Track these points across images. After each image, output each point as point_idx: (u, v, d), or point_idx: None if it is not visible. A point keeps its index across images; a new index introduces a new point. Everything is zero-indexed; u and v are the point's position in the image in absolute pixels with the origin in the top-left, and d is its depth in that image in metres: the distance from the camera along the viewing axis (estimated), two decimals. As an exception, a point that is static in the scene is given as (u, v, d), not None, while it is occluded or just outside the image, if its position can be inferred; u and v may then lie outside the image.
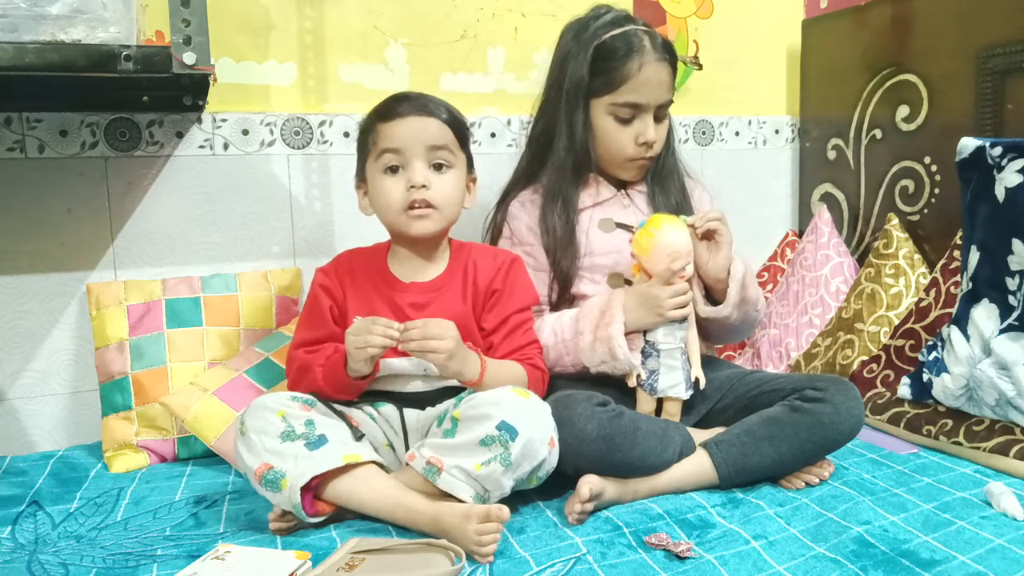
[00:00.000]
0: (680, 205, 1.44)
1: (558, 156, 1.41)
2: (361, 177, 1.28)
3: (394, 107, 1.22)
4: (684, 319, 1.26)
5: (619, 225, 1.41)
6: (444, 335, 1.11)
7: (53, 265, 1.50)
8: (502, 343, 1.25)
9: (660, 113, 1.39)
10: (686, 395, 1.26)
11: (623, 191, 1.45)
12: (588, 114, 1.39)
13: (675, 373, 1.25)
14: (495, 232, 1.47)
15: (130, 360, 1.42)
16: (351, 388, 1.18)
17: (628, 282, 1.38)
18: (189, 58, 1.12)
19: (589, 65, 1.36)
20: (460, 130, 1.26)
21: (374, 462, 1.12)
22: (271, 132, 1.61)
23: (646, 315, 1.25)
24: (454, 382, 1.20)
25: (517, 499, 1.12)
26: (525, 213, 1.43)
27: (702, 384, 1.28)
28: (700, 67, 1.48)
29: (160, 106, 1.49)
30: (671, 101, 1.40)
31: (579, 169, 1.42)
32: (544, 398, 1.15)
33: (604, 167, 1.43)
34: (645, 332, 1.27)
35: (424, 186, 1.20)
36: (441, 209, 1.22)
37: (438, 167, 1.22)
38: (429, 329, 1.11)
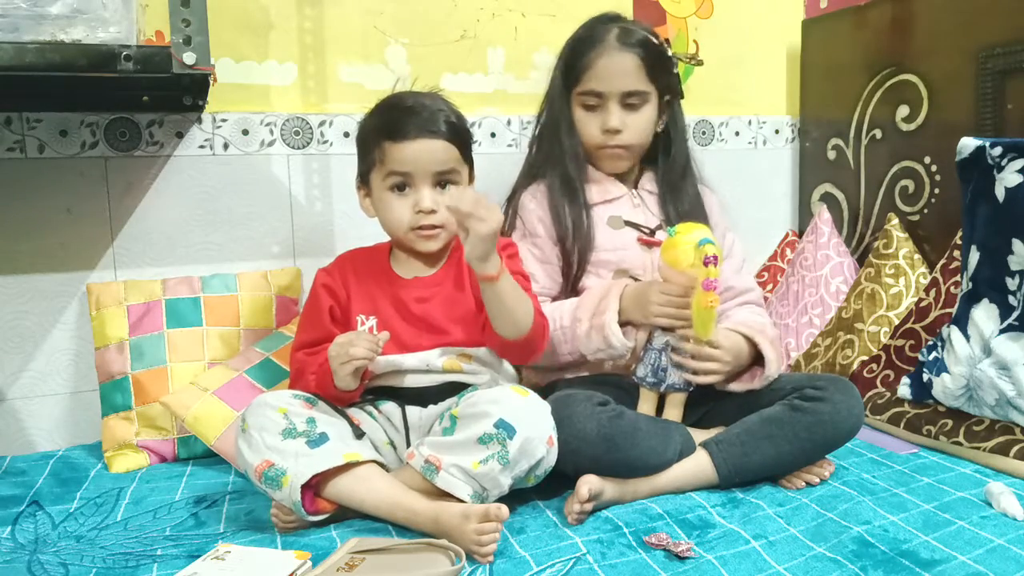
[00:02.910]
0: (692, 211, 1.44)
1: (555, 150, 1.45)
2: (363, 179, 1.28)
3: (401, 126, 1.20)
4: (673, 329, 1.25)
5: (628, 223, 1.41)
6: (493, 216, 1.08)
7: (53, 265, 1.50)
8: None
9: (630, 102, 1.39)
10: (658, 389, 1.26)
11: (633, 190, 1.46)
12: (569, 107, 1.44)
13: (677, 371, 1.25)
14: (506, 225, 1.47)
15: (130, 360, 1.42)
16: (342, 397, 1.18)
17: (634, 279, 1.39)
18: (189, 58, 1.12)
19: (564, 60, 1.43)
20: (464, 142, 1.26)
21: (374, 461, 1.12)
22: (271, 132, 1.61)
23: (636, 311, 1.27)
24: (456, 377, 1.21)
25: (517, 499, 1.12)
26: (536, 204, 1.44)
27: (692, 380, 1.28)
28: (700, 63, 1.49)
29: (160, 106, 1.49)
30: (641, 92, 1.39)
31: (575, 161, 1.44)
32: (543, 394, 1.15)
33: (589, 159, 1.46)
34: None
35: (433, 211, 1.20)
36: (448, 227, 1.23)
37: (443, 185, 1.23)
38: (481, 205, 1.08)
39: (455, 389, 1.21)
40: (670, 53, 1.43)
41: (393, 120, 1.22)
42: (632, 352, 1.29)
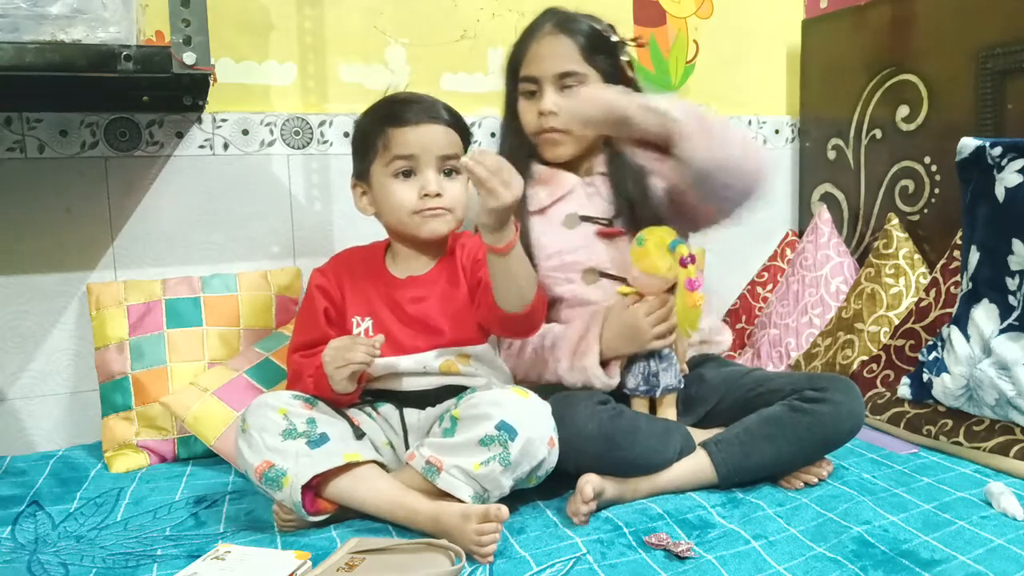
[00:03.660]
0: (640, 192, 1.36)
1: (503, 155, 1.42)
2: (360, 177, 1.27)
3: (403, 112, 1.22)
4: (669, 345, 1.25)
5: (584, 219, 1.37)
6: (512, 187, 1.04)
7: (53, 265, 1.50)
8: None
9: (566, 83, 1.35)
10: (653, 395, 1.26)
11: (586, 178, 1.40)
12: (516, 103, 1.42)
13: (667, 372, 1.25)
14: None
15: (130, 360, 1.42)
16: (339, 399, 1.18)
17: (604, 275, 1.35)
18: (189, 58, 1.12)
19: (509, 56, 1.42)
20: (465, 133, 1.26)
21: (375, 461, 1.12)
22: (271, 132, 1.61)
23: (627, 345, 1.25)
24: (453, 380, 1.21)
25: (517, 499, 1.12)
26: None
27: (685, 371, 1.29)
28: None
29: (160, 106, 1.49)
30: (576, 73, 1.35)
31: (519, 162, 1.38)
32: (542, 394, 1.15)
33: (535, 151, 1.43)
34: None
35: (439, 194, 1.20)
36: (454, 211, 1.23)
37: (447, 172, 1.23)
38: (504, 172, 1.04)
39: (453, 392, 1.21)
40: (615, 39, 1.38)
41: (395, 109, 1.23)
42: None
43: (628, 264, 1.25)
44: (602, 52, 1.37)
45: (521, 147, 1.42)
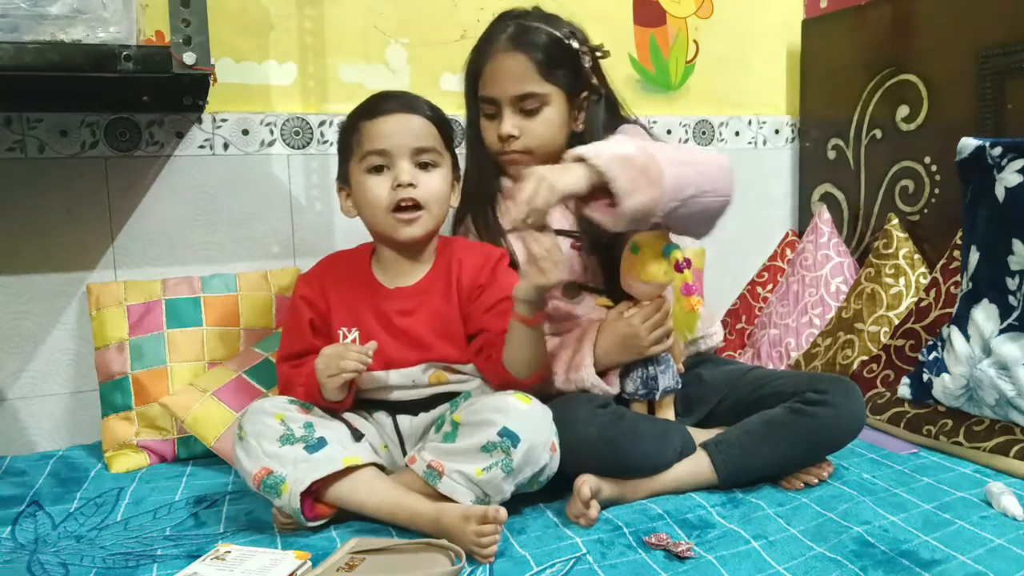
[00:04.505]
0: None
1: (471, 171, 1.38)
2: (343, 179, 1.25)
3: (377, 105, 1.20)
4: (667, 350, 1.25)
5: (559, 232, 1.29)
6: (555, 271, 1.07)
7: (53, 265, 1.50)
8: (497, 322, 1.19)
9: (525, 106, 1.30)
10: (652, 398, 1.26)
11: None
12: (478, 117, 1.36)
13: (664, 375, 1.25)
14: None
15: (130, 360, 1.42)
16: (332, 408, 1.17)
17: (583, 287, 1.33)
18: (189, 58, 1.12)
19: (468, 64, 1.36)
20: (445, 129, 1.23)
21: (374, 464, 1.12)
22: (271, 132, 1.61)
23: (624, 354, 1.23)
24: (443, 388, 1.21)
25: (518, 499, 1.12)
26: (473, 239, 1.38)
27: (682, 371, 1.28)
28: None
29: (160, 106, 1.49)
30: (535, 94, 1.29)
31: (488, 181, 1.37)
32: (540, 397, 1.14)
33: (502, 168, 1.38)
34: None
35: (411, 184, 1.17)
36: (429, 208, 1.19)
37: (424, 166, 1.19)
38: (556, 253, 1.07)
39: (444, 397, 1.21)
40: (575, 46, 1.31)
41: (370, 104, 1.21)
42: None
43: (622, 272, 1.23)
44: (562, 65, 1.30)
45: (488, 163, 1.37)
